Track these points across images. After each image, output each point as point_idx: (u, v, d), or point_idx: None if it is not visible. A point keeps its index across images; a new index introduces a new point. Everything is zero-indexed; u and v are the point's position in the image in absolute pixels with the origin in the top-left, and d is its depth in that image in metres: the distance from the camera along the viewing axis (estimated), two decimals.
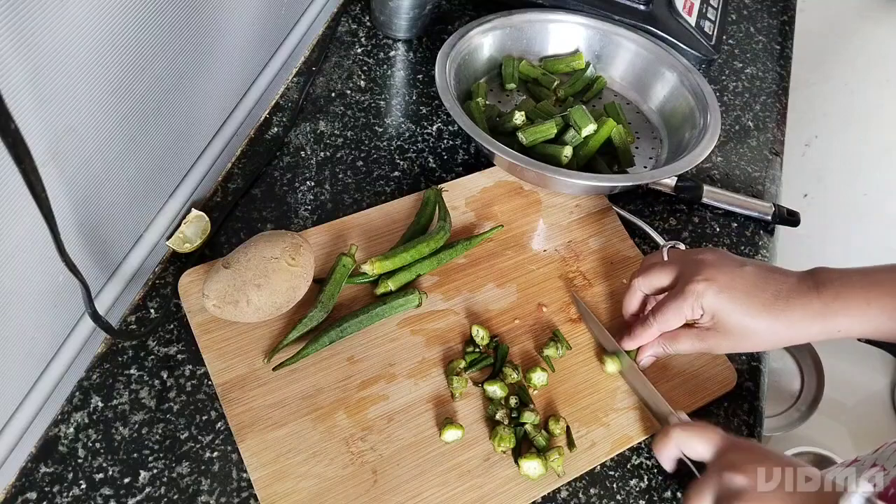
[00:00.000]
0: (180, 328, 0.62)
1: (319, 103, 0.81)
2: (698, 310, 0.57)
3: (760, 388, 0.66)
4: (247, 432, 0.56)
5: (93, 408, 0.57)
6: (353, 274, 0.64)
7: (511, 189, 0.75)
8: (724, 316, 0.55)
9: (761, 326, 0.55)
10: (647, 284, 0.61)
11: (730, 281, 0.55)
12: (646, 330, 0.60)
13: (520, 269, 0.69)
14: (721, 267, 0.56)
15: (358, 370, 0.61)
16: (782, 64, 0.99)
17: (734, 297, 0.55)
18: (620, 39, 0.86)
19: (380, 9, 0.86)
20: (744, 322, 0.55)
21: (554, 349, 0.63)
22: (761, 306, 0.54)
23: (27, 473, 0.54)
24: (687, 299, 0.56)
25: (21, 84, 0.40)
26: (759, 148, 0.87)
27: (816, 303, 0.54)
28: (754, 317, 0.55)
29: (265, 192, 0.72)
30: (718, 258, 0.58)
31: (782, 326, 0.54)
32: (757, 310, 0.54)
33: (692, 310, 0.57)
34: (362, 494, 0.55)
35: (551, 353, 0.63)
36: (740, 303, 0.55)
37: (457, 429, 0.58)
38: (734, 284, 0.55)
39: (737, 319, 0.55)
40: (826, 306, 0.53)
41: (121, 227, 0.60)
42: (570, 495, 0.58)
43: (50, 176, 0.45)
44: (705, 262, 0.57)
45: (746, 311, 0.55)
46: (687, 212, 0.79)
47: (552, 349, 0.63)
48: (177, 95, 0.59)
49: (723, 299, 0.55)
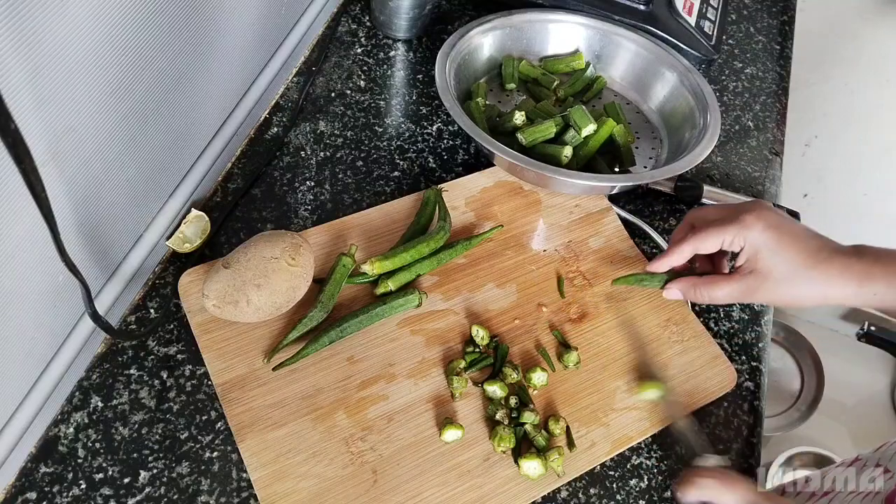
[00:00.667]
0: (180, 328, 0.62)
1: (319, 103, 0.81)
2: (740, 241, 0.56)
3: (760, 388, 0.66)
4: (247, 432, 0.56)
5: (93, 408, 0.57)
6: (352, 274, 0.64)
7: (511, 189, 0.75)
8: (766, 255, 0.55)
9: (800, 274, 0.55)
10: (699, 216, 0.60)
11: (779, 222, 0.55)
12: (679, 249, 0.59)
13: (520, 269, 0.69)
14: (773, 212, 0.56)
15: (358, 370, 0.61)
16: (782, 64, 0.99)
17: (780, 238, 0.55)
18: (620, 39, 0.86)
19: (380, 9, 0.86)
20: (784, 266, 0.55)
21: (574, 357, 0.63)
22: (805, 253, 0.54)
23: (27, 473, 0.54)
24: (733, 226, 0.56)
25: (21, 84, 0.40)
26: (758, 148, 0.87)
27: (856, 264, 0.54)
28: (796, 263, 0.55)
29: (265, 192, 0.72)
30: (771, 208, 0.57)
31: (820, 279, 0.54)
32: (800, 256, 0.54)
33: (734, 239, 0.56)
34: (362, 494, 0.55)
35: (572, 360, 0.63)
36: (785, 245, 0.55)
37: (457, 429, 0.58)
38: (782, 227, 0.55)
39: (778, 261, 0.55)
40: (865, 268, 0.54)
41: (121, 227, 0.60)
42: (569, 495, 0.58)
43: (50, 176, 0.45)
44: (760, 204, 0.57)
45: (789, 255, 0.55)
46: (687, 212, 0.78)
47: (572, 357, 0.63)
48: (177, 95, 0.59)
49: (768, 237, 0.55)
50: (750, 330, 0.70)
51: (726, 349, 0.68)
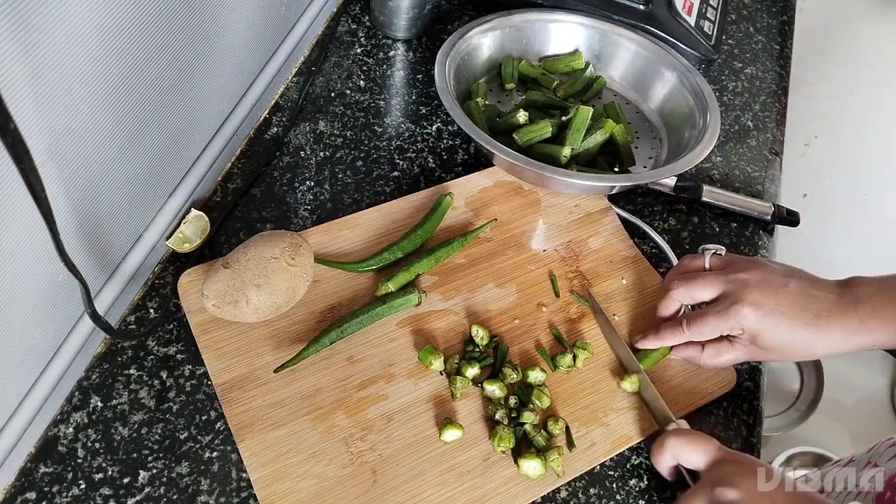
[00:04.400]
0: (180, 328, 0.62)
1: (319, 103, 0.81)
2: (738, 330, 0.58)
3: (760, 388, 0.66)
4: (246, 432, 0.56)
5: (92, 408, 0.57)
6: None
7: (511, 189, 0.75)
8: (766, 336, 0.57)
9: (801, 343, 0.57)
10: (688, 295, 0.61)
11: (774, 304, 0.56)
12: (675, 336, 0.62)
13: (519, 269, 0.69)
14: (766, 289, 0.57)
15: (357, 370, 0.61)
16: (782, 64, 0.99)
17: (777, 319, 0.56)
18: (620, 39, 0.86)
19: (379, 9, 0.86)
20: (784, 340, 0.57)
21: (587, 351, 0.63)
22: (802, 326, 0.56)
23: (26, 473, 0.54)
24: (729, 320, 0.58)
25: (20, 84, 0.40)
26: (758, 148, 0.87)
27: (854, 320, 0.56)
28: (795, 335, 0.56)
29: (265, 192, 0.72)
30: (763, 278, 0.58)
31: (822, 343, 0.56)
32: (798, 329, 0.56)
33: (732, 329, 0.59)
34: (362, 494, 0.55)
35: (565, 363, 0.63)
36: (782, 324, 0.56)
37: (456, 429, 0.58)
38: (778, 307, 0.56)
39: (779, 338, 0.57)
40: (863, 323, 0.55)
41: (120, 227, 0.60)
42: (569, 495, 0.58)
43: (49, 176, 0.45)
44: (750, 283, 0.58)
45: (787, 330, 0.56)
46: (686, 212, 0.79)
47: (566, 359, 0.63)
48: (176, 95, 0.59)
49: (766, 322, 0.56)
50: None
51: None
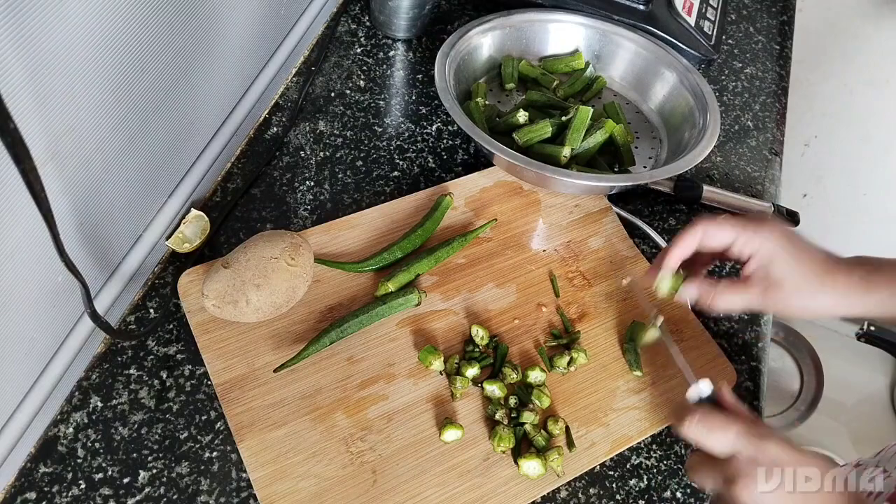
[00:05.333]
0: (180, 328, 0.62)
1: (319, 103, 0.81)
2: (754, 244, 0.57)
3: (760, 388, 0.66)
4: (246, 432, 0.56)
5: (92, 408, 0.57)
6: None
7: (510, 189, 0.75)
8: (780, 264, 0.57)
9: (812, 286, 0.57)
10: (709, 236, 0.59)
11: (791, 234, 0.58)
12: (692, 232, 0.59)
13: (519, 268, 0.69)
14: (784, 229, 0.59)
15: (357, 370, 0.61)
16: (781, 64, 0.99)
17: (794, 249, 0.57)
18: (620, 39, 0.86)
19: (379, 9, 0.86)
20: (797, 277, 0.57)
21: (582, 354, 0.63)
22: (816, 265, 0.57)
23: (26, 473, 0.54)
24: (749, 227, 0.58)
25: (20, 84, 0.40)
26: (758, 148, 0.87)
27: (857, 273, 0.57)
28: (807, 274, 0.57)
29: (264, 192, 0.72)
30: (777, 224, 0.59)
31: (829, 291, 0.57)
32: (811, 268, 0.57)
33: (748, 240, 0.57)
34: (362, 494, 0.55)
35: (562, 363, 0.63)
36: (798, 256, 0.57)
37: (456, 429, 0.58)
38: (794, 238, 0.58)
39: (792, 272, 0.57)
40: (865, 277, 0.57)
41: (120, 227, 0.60)
42: (569, 495, 0.58)
43: (49, 176, 0.45)
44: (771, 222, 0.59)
45: (802, 266, 0.57)
46: (686, 212, 0.79)
47: (563, 360, 0.63)
48: (176, 95, 0.59)
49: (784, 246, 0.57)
50: (749, 330, 0.70)
51: (726, 349, 0.68)
